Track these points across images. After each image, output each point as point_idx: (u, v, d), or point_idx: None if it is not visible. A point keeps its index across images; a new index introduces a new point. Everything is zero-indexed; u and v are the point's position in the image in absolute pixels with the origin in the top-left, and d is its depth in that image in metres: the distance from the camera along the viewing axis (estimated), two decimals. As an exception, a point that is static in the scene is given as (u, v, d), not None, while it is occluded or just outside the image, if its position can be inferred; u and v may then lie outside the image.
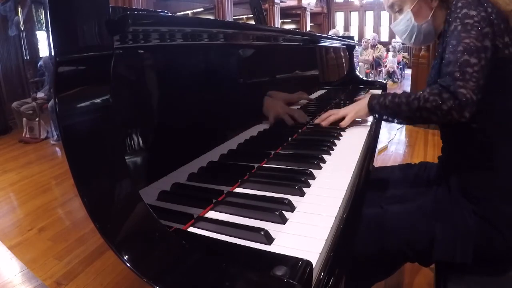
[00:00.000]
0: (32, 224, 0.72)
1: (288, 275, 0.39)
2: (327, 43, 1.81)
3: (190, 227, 0.54)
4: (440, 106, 0.81)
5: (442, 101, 0.81)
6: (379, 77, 8.58)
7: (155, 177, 0.61)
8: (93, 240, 0.41)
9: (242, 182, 0.70)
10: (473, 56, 0.79)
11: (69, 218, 0.60)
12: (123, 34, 0.51)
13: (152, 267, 0.40)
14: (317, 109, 1.43)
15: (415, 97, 0.87)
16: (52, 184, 0.63)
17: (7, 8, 0.69)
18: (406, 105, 0.89)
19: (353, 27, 13.26)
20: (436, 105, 0.82)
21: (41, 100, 0.64)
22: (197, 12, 7.02)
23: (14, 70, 0.72)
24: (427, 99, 0.83)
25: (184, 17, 2.35)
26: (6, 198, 0.82)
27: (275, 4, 8.16)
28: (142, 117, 0.60)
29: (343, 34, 7.75)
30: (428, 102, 0.83)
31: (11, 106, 0.71)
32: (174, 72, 0.68)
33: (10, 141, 0.80)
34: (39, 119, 0.65)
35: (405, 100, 0.90)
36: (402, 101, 0.90)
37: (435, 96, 0.82)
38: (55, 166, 0.60)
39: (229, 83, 0.88)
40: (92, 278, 0.52)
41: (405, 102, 0.89)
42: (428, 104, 0.83)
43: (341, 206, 0.60)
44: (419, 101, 0.85)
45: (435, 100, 0.82)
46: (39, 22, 0.58)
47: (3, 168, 0.78)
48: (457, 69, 0.80)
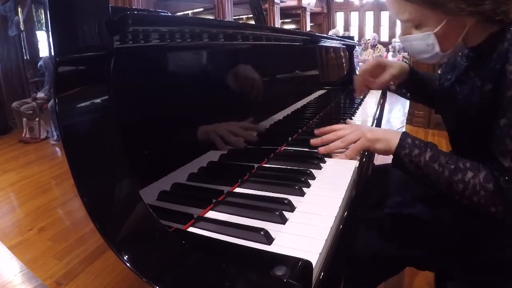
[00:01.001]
0: (32, 224, 0.72)
1: (288, 275, 0.39)
2: (327, 43, 1.81)
3: (190, 227, 0.54)
4: (489, 206, 0.66)
5: (493, 204, 0.66)
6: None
7: (155, 177, 0.61)
8: (93, 240, 0.41)
9: (242, 182, 0.70)
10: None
11: (69, 218, 0.60)
12: (123, 34, 0.51)
13: (152, 267, 0.40)
14: (317, 109, 1.43)
15: (462, 179, 0.67)
16: (52, 184, 0.63)
17: (7, 8, 0.69)
18: (446, 182, 0.69)
19: (353, 27, 13.25)
20: (484, 204, 0.66)
21: (41, 100, 0.64)
22: (197, 12, 7.02)
23: (14, 70, 0.72)
24: (477, 192, 0.66)
25: (184, 17, 2.35)
26: (6, 198, 0.82)
27: (275, 4, 8.15)
28: (142, 117, 0.60)
29: (343, 34, 7.75)
30: (476, 196, 0.66)
31: (11, 106, 0.71)
32: (174, 72, 0.68)
33: (10, 141, 0.80)
34: (39, 119, 0.65)
35: (448, 175, 0.68)
36: (443, 174, 0.69)
37: (487, 193, 0.65)
38: (55, 166, 0.60)
39: (229, 83, 0.88)
40: (92, 278, 0.52)
41: (447, 178, 0.68)
42: (475, 198, 0.66)
43: (341, 206, 0.60)
44: (465, 187, 0.67)
45: (485, 198, 0.66)
46: (39, 22, 0.58)
47: (3, 168, 0.78)
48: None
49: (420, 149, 0.71)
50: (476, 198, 0.66)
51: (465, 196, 0.67)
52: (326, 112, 1.44)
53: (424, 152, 0.71)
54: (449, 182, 0.68)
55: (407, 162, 0.72)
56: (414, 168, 0.72)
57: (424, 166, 0.70)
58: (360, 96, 1.13)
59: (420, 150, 0.71)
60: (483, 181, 0.66)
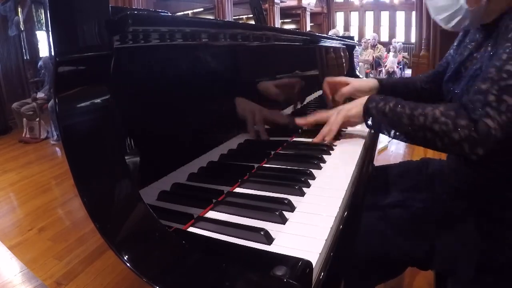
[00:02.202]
0: (32, 224, 0.72)
1: (288, 275, 0.39)
2: (327, 43, 1.81)
3: (190, 227, 0.54)
4: (450, 132, 0.65)
5: (455, 127, 0.65)
6: (379, 77, 8.58)
7: (155, 177, 0.61)
8: (93, 240, 0.41)
9: (242, 182, 0.70)
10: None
11: (69, 218, 0.60)
12: (123, 34, 0.51)
13: (152, 267, 0.40)
14: (317, 108, 1.43)
15: (422, 112, 0.70)
16: (52, 184, 0.63)
17: (7, 8, 0.69)
18: (409, 119, 0.72)
19: (353, 27, 13.25)
20: (446, 130, 0.66)
21: (41, 100, 0.64)
22: (197, 12, 7.02)
23: (14, 70, 0.72)
24: (436, 119, 0.67)
25: (184, 17, 2.35)
26: (6, 198, 0.82)
27: (275, 4, 8.16)
28: (142, 117, 0.60)
29: (343, 34, 7.75)
30: (437, 123, 0.67)
31: (11, 106, 0.71)
32: (174, 72, 0.68)
33: (10, 141, 0.80)
34: (39, 119, 0.65)
35: (409, 111, 0.72)
36: (405, 112, 0.72)
37: (447, 118, 0.66)
38: (55, 166, 0.60)
39: (229, 83, 0.88)
40: (92, 278, 0.52)
41: (409, 115, 0.72)
42: (436, 126, 0.67)
43: (341, 206, 0.60)
44: (425, 118, 0.69)
45: (446, 124, 0.66)
46: (39, 22, 0.58)
47: (3, 168, 0.78)
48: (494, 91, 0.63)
49: (385, 100, 0.80)
50: (437, 126, 0.67)
51: (427, 128, 0.69)
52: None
53: (389, 102, 0.78)
54: (410, 118, 0.72)
55: (375, 113, 0.80)
56: (381, 117, 0.79)
57: (388, 111, 0.77)
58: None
59: (385, 101, 0.79)
60: (444, 109, 0.68)
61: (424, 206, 0.89)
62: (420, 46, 4.16)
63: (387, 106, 0.78)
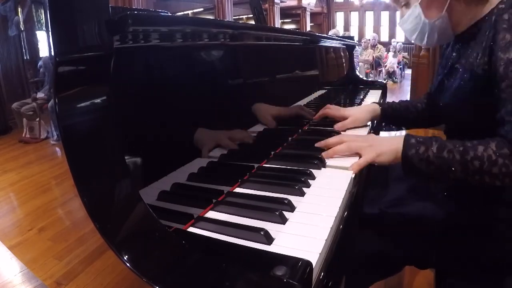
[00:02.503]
0: (32, 224, 0.72)
1: (288, 275, 0.39)
2: (327, 43, 1.81)
3: (190, 227, 0.54)
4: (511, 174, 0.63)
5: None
6: (379, 77, 8.59)
7: (155, 177, 0.61)
8: (93, 240, 0.41)
9: (242, 182, 0.70)
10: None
11: (69, 218, 0.60)
12: (123, 34, 0.51)
13: (152, 267, 0.40)
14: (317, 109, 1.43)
15: (475, 156, 0.65)
16: (52, 184, 0.63)
17: (7, 8, 0.69)
18: (461, 165, 0.66)
19: (353, 27, 13.26)
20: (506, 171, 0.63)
21: (41, 100, 0.64)
22: (197, 12, 7.03)
23: (14, 70, 0.72)
24: (494, 162, 0.63)
25: (184, 17, 2.35)
26: (6, 198, 0.82)
27: (275, 4, 8.16)
28: (142, 117, 0.60)
29: (343, 34, 7.75)
30: (495, 167, 0.64)
31: (11, 106, 0.71)
32: (174, 72, 0.68)
33: (10, 141, 0.80)
34: (39, 119, 0.65)
35: (460, 157, 0.66)
36: (455, 158, 0.67)
37: (505, 160, 0.63)
38: (55, 166, 0.60)
39: (229, 83, 0.88)
40: (92, 278, 0.52)
41: (459, 161, 0.66)
42: (496, 169, 0.64)
43: (341, 206, 0.60)
44: (481, 162, 0.65)
45: (506, 165, 0.63)
46: (39, 22, 0.58)
47: (3, 168, 0.78)
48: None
49: (426, 144, 0.70)
50: (496, 169, 0.64)
51: (485, 172, 0.65)
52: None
53: (430, 146, 0.69)
54: (463, 164, 0.66)
55: (417, 162, 0.70)
56: (425, 166, 0.70)
57: (434, 159, 0.68)
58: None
59: (426, 145, 0.70)
60: (496, 148, 0.64)
61: (423, 206, 0.89)
62: (420, 46, 4.15)
63: (429, 151, 0.69)
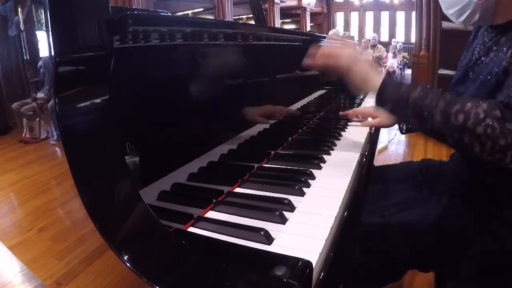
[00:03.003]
0: (32, 224, 0.72)
1: (288, 275, 0.39)
2: (327, 43, 1.81)
3: (190, 227, 0.54)
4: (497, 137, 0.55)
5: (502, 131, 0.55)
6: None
7: (155, 177, 0.61)
8: (93, 240, 0.41)
9: (242, 182, 0.70)
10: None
11: (69, 218, 0.60)
12: (123, 34, 0.51)
13: (152, 267, 0.40)
14: (317, 109, 1.43)
15: (462, 109, 0.58)
16: (52, 184, 0.63)
17: (7, 8, 0.69)
18: (443, 116, 0.59)
19: (353, 27, 13.24)
20: (492, 135, 0.56)
21: (41, 100, 0.64)
22: (197, 12, 7.03)
23: (14, 70, 0.72)
24: (481, 120, 0.56)
25: (184, 17, 2.35)
26: (6, 198, 0.82)
27: (275, 4, 8.15)
28: (142, 117, 0.60)
29: (343, 34, 7.75)
30: (480, 126, 0.56)
31: (11, 106, 0.71)
32: (173, 72, 0.68)
33: (10, 141, 0.80)
34: (39, 119, 0.65)
35: (444, 106, 0.59)
36: (438, 106, 0.59)
37: (494, 121, 0.56)
38: (55, 166, 0.60)
39: (229, 83, 0.88)
40: (92, 278, 0.52)
41: (443, 111, 0.59)
42: (480, 129, 0.56)
43: (341, 206, 0.60)
44: (467, 117, 0.57)
45: (493, 127, 0.55)
46: (39, 22, 0.58)
47: (3, 168, 0.78)
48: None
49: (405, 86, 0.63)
50: (481, 128, 0.56)
51: (467, 130, 0.57)
52: (326, 112, 1.44)
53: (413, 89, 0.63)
54: (446, 115, 0.58)
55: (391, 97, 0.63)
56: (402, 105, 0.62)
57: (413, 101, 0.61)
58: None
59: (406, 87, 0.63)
60: (487, 108, 0.57)
61: (424, 207, 0.89)
62: (420, 46, 4.14)
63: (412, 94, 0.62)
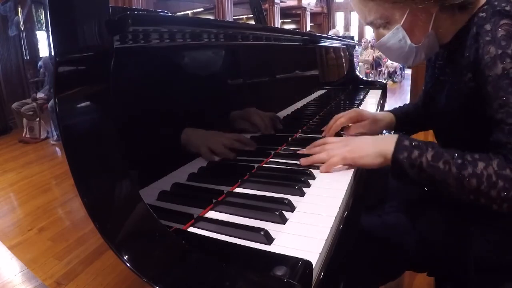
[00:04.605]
0: (32, 224, 0.72)
1: (288, 275, 0.39)
2: (327, 43, 1.81)
3: (190, 227, 0.54)
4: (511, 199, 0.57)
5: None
6: (379, 77, 8.59)
7: (155, 177, 0.61)
8: (93, 240, 0.41)
9: (242, 182, 0.70)
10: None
11: (69, 218, 0.60)
12: (123, 34, 0.51)
13: (152, 267, 0.40)
14: (317, 109, 1.43)
15: (473, 173, 0.58)
16: (52, 184, 0.63)
17: (7, 8, 0.69)
18: (456, 180, 0.60)
19: (353, 27, 13.26)
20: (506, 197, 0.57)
21: (41, 100, 0.64)
22: (197, 12, 7.03)
23: (14, 70, 0.72)
24: (494, 184, 0.57)
25: (184, 17, 2.35)
26: (6, 198, 0.82)
27: (275, 4, 8.16)
28: (142, 117, 0.60)
29: (343, 34, 7.75)
30: (495, 189, 0.57)
31: (11, 106, 0.71)
32: (174, 72, 0.68)
33: (10, 141, 0.80)
34: (39, 119, 0.65)
35: (456, 171, 0.60)
36: (451, 172, 0.60)
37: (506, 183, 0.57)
38: (55, 166, 0.60)
39: (229, 83, 0.88)
40: (92, 278, 0.52)
41: (456, 175, 0.60)
42: (494, 193, 0.57)
43: (341, 206, 0.60)
44: (479, 181, 0.58)
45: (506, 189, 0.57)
46: (39, 22, 0.58)
47: (3, 168, 0.78)
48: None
49: (420, 149, 0.64)
50: (495, 192, 0.57)
51: (482, 194, 0.59)
52: (326, 112, 1.44)
53: (425, 152, 0.63)
54: (459, 180, 0.59)
55: (408, 166, 0.64)
56: (417, 173, 0.64)
57: (427, 167, 0.62)
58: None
59: (420, 150, 0.64)
60: (498, 168, 0.57)
61: (423, 208, 0.89)
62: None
63: (423, 158, 0.63)
